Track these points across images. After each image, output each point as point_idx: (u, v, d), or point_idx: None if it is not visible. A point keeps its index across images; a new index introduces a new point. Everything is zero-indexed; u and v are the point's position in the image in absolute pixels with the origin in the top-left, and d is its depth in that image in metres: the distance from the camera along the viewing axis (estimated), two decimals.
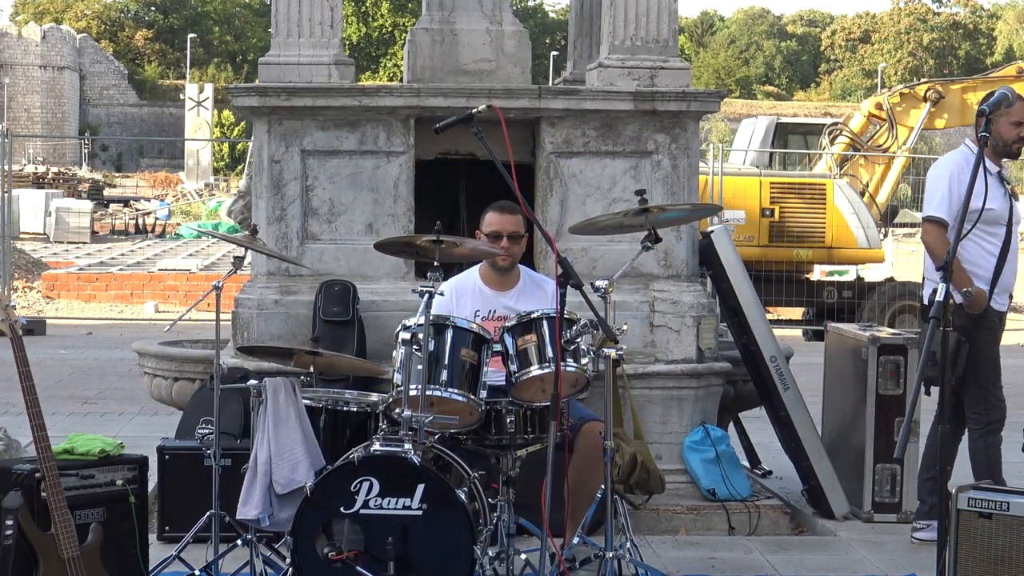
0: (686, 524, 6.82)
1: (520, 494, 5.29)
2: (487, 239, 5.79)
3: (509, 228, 5.81)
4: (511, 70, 7.75)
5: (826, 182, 18.47)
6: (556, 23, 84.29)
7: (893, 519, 6.93)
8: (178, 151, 66.76)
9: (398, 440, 4.87)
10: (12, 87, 70.75)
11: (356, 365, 6.06)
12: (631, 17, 7.37)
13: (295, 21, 7.32)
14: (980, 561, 4.62)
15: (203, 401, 6.67)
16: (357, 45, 76.57)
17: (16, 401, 7.77)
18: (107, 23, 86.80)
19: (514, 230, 5.82)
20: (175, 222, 41.63)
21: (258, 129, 7.32)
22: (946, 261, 4.09)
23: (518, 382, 5.13)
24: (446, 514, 4.75)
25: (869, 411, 6.92)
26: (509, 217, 5.80)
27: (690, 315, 7.15)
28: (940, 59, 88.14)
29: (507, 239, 5.79)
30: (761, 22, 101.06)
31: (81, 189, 46.12)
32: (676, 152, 7.32)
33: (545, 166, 7.29)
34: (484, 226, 5.85)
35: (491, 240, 5.78)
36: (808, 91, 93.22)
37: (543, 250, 7.12)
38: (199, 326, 15.15)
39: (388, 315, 6.95)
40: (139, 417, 10.35)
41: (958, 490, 4.70)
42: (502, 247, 5.78)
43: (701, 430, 7.02)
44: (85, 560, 4.71)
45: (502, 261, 5.84)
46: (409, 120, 7.26)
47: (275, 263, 7.21)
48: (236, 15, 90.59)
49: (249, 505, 5.15)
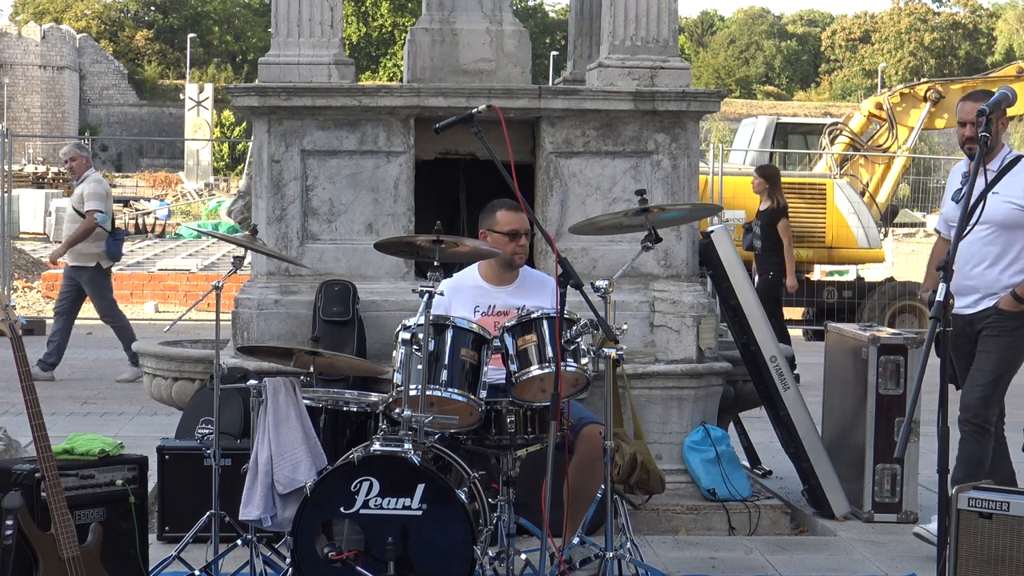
0: (686, 524, 6.82)
1: (520, 494, 5.29)
2: (504, 238, 5.76)
3: (525, 226, 5.81)
4: (511, 70, 7.75)
5: (826, 182, 18.48)
6: (556, 23, 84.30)
7: (893, 519, 6.93)
8: (178, 151, 66.74)
9: (398, 440, 4.87)
10: (12, 87, 70.74)
11: (356, 365, 6.06)
12: (631, 17, 7.37)
13: (295, 21, 7.32)
14: (980, 561, 4.62)
15: (203, 401, 6.66)
16: (357, 45, 76.57)
17: (16, 401, 7.78)
18: (107, 23, 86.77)
19: (527, 227, 5.83)
20: (175, 222, 41.65)
21: (258, 129, 7.32)
22: (946, 261, 4.08)
23: (518, 382, 5.13)
24: (446, 514, 4.75)
25: (869, 411, 6.92)
26: (520, 215, 5.79)
27: (690, 315, 7.15)
28: (940, 59, 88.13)
29: (523, 236, 5.81)
30: (761, 22, 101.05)
31: None
32: (676, 152, 7.32)
33: (545, 166, 7.29)
34: (499, 225, 5.79)
35: (510, 239, 5.76)
36: (808, 91, 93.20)
37: (543, 250, 7.12)
38: (199, 326, 15.17)
39: (388, 315, 6.96)
40: (139, 417, 10.34)
41: (958, 490, 4.70)
42: (521, 245, 5.79)
43: (701, 430, 7.02)
44: (85, 560, 4.71)
45: (519, 259, 5.84)
46: (409, 120, 7.26)
47: (275, 263, 7.21)
48: (236, 15, 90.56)
49: (251, 506, 5.15)
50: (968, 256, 6.09)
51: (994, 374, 6.17)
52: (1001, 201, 6.00)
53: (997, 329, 6.16)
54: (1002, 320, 6.15)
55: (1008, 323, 6.15)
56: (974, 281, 6.19)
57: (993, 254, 6.14)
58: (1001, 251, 6.13)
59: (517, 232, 5.78)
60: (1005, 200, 6.04)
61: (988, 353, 6.19)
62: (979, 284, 6.18)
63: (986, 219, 5.85)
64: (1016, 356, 6.26)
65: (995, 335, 6.16)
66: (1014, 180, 6.00)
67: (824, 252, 18.28)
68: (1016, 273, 6.15)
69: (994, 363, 6.16)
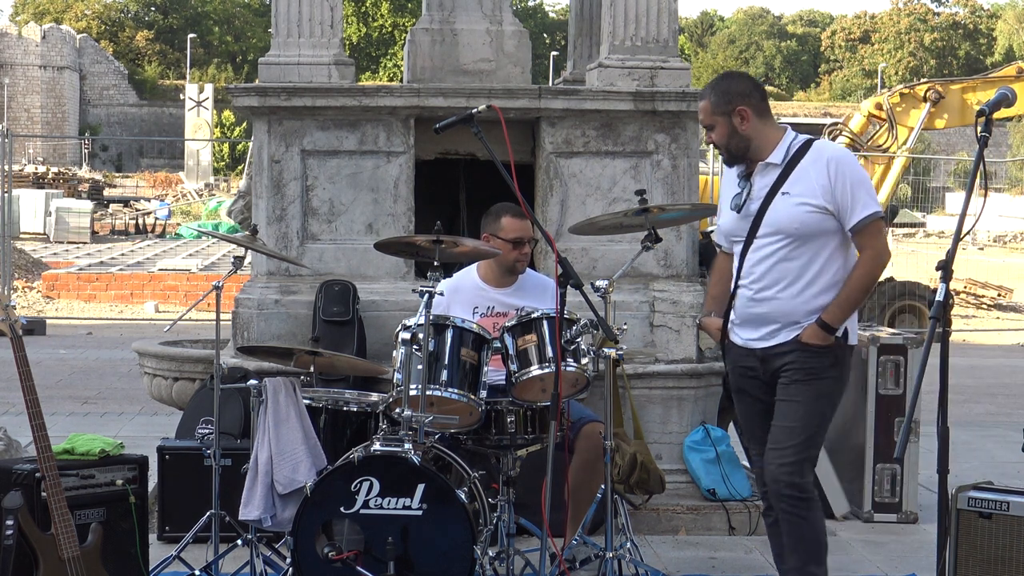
0: (686, 524, 6.82)
1: (520, 494, 5.29)
2: (507, 245, 5.72)
3: (529, 233, 5.79)
4: (511, 70, 7.75)
5: None
6: (556, 23, 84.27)
7: (893, 519, 6.94)
8: (178, 151, 66.76)
9: (398, 440, 4.87)
10: (12, 87, 70.73)
11: (356, 365, 6.06)
12: (631, 17, 7.37)
13: (295, 21, 7.32)
14: (980, 561, 4.63)
15: (203, 401, 6.67)
16: (357, 45, 76.55)
17: (16, 401, 7.78)
18: (107, 23, 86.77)
19: (531, 235, 5.81)
20: (175, 222, 41.67)
21: (258, 129, 7.32)
22: (946, 260, 4.08)
23: (518, 382, 5.13)
24: (446, 514, 4.76)
25: (869, 411, 6.93)
26: (526, 222, 5.76)
27: (690, 315, 7.15)
28: (940, 59, 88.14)
29: (527, 244, 5.79)
30: (761, 22, 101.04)
31: (81, 189, 46.15)
32: (676, 152, 7.32)
33: (545, 166, 7.29)
34: (504, 232, 5.76)
35: (514, 246, 5.74)
36: (808, 91, 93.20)
37: (543, 250, 7.12)
38: (199, 326, 15.17)
39: (388, 315, 6.96)
40: (139, 417, 10.35)
41: (958, 490, 4.71)
42: (524, 253, 5.77)
43: (701, 430, 7.03)
44: (85, 560, 4.71)
45: (522, 267, 5.82)
46: (409, 120, 7.27)
47: (275, 263, 7.22)
48: (236, 15, 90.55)
49: (251, 506, 5.15)
50: (755, 275, 4.83)
51: (805, 432, 4.78)
52: (793, 204, 4.74)
53: (802, 372, 4.78)
54: (808, 359, 4.77)
55: (815, 363, 4.76)
56: (766, 307, 4.83)
57: (791, 272, 4.77)
58: (801, 268, 4.76)
59: (521, 240, 5.76)
60: (798, 202, 4.73)
61: (794, 404, 4.79)
62: (774, 311, 4.81)
63: (776, 228, 4.75)
64: (830, 405, 4.85)
65: (801, 380, 4.78)
66: (805, 175, 4.75)
67: None
68: (819, 294, 4.77)
69: (803, 417, 4.78)
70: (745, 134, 4.81)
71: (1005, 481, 5.08)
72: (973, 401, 12.48)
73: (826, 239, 4.75)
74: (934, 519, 4.36)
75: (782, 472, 4.76)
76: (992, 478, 5.05)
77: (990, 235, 40.21)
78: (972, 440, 9.86)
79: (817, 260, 4.75)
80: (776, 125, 4.88)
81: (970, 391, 13.02)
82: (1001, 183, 49.56)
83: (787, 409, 4.80)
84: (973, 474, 7.00)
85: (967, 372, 14.33)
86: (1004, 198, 44.17)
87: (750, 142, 4.82)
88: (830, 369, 4.78)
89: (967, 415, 11.35)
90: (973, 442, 9.78)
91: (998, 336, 20.36)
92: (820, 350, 4.75)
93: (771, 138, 4.82)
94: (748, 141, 4.82)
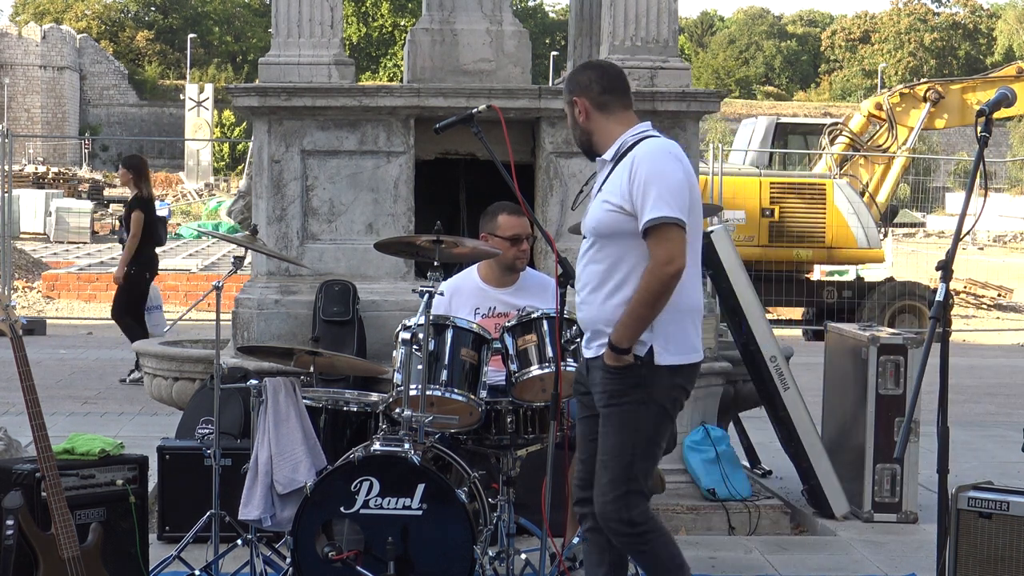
0: (686, 524, 6.82)
1: (520, 494, 5.29)
2: (505, 243, 5.70)
3: (527, 230, 5.77)
4: (511, 70, 7.76)
5: (826, 182, 18.49)
6: (556, 23, 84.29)
7: (893, 519, 6.93)
8: (178, 151, 66.76)
9: (398, 440, 4.87)
10: (12, 87, 70.77)
11: (356, 365, 6.06)
12: (631, 17, 7.37)
13: (295, 21, 7.33)
14: (980, 561, 4.63)
15: (203, 401, 6.66)
16: (357, 45, 76.57)
17: (16, 401, 7.77)
18: (107, 23, 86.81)
19: (529, 231, 5.80)
20: (175, 222, 41.60)
21: (258, 129, 7.32)
22: (946, 260, 4.08)
23: (518, 382, 5.13)
24: (446, 514, 4.76)
25: (869, 411, 6.93)
26: (522, 219, 5.75)
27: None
28: (940, 59, 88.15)
29: (525, 240, 5.78)
30: (761, 22, 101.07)
31: (81, 189, 46.13)
32: None
33: (545, 166, 7.30)
34: (501, 230, 5.72)
35: (512, 244, 5.72)
36: (808, 91, 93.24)
37: (543, 250, 7.12)
38: (199, 326, 15.17)
39: (388, 315, 6.96)
40: (139, 417, 10.34)
41: (958, 490, 4.70)
42: (523, 250, 5.75)
43: (701, 430, 7.03)
44: (85, 560, 4.71)
45: (521, 264, 5.80)
46: (409, 120, 7.27)
47: (275, 263, 7.22)
48: (236, 15, 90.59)
49: (251, 506, 5.15)
50: (580, 278, 4.55)
51: (618, 466, 4.39)
52: (599, 202, 4.47)
53: (605, 395, 4.41)
54: (609, 380, 4.39)
55: (614, 385, 4.36)
56: (582, 312, 4.54)
57: (596, 275, 4.44)
58: (605, 272, 4.42)
59: (519, 237, 5.75)
60: (603, 200, 4.45)
61: (604, 434, 4.42)
62: (585, 317, 4.52)
63: (586, 227, 4.51)
64: (636, 432, 4.38)
65: (604, 405, 4.42)
66: (617, 173, 4.46)
67: (824, 252, 18.30)
68: (622, 304, 4.36)
69: (611, 449, 4.40)
70: (584, 127, 4.59)
71: (1005, 481, 5.08)
72: (973, 401, 12.47)
73: (628, 242, 4.37)
74: (934, 519, 4.36)
75: (607, 509, 4.40)
76: (992, 478, 5.05)
77: (990, 235, 40.22)
78: (972, 440, 9.85)
79: (621, 265, 4.38)
80: (624, 120, 4.59)
81: (970, 391, 13.02)
82: (1001, 183, 49.56)
83: (604, 440, 4.42)
84: (973, 474, 6.99)
85: (967, 372, 14.33)
86: (1004, 198, 44.18)
87: (591, 136, 4.59)
88: (632, 391, 4.34)
89: (967, 415, 11.34)
90: (973, 442, 9.78)
91: (998, 336, 20.35)
92: (619, 371, 4.33)
93: (612, 134, 4.55)
94: (588, 135, 4.59)
